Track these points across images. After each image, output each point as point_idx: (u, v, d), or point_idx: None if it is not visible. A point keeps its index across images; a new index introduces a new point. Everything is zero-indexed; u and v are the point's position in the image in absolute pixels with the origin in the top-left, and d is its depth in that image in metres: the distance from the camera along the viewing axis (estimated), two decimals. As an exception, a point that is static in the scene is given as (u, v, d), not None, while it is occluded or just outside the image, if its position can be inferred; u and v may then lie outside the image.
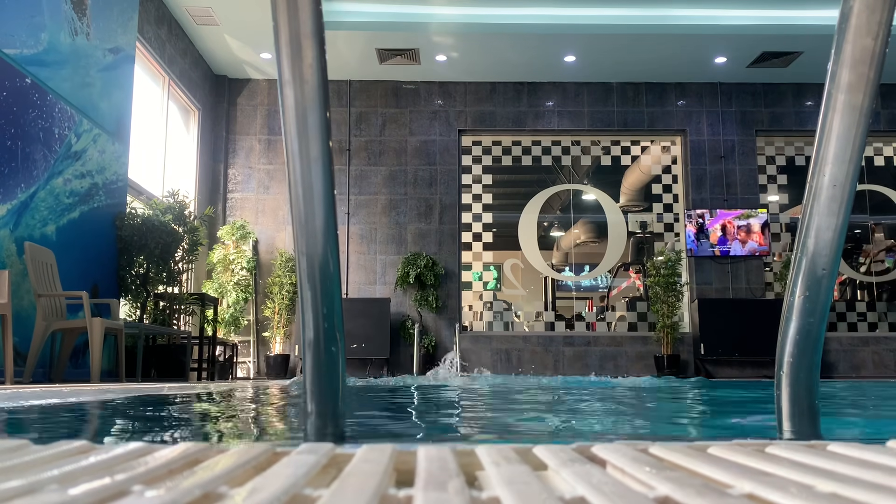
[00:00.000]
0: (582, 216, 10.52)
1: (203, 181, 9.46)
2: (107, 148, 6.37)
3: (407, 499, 0.52)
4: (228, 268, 9.03)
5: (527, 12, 8.38)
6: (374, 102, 10.04)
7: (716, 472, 0.59)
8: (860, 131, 1.11)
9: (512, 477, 0.56)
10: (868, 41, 1.07)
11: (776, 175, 10.17)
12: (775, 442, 0.74)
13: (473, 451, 0.70)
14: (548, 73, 9.81)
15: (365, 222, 9.78)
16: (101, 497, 0.48)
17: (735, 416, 2.69)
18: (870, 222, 10.10)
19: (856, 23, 1.07)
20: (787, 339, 1.21)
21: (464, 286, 9.83)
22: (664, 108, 10.03)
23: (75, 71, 5.89)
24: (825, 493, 0.50)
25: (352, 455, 0.67)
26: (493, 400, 3.64)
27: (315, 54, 1.08)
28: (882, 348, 9.39)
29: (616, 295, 10.54)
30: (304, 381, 1.19)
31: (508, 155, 10.24)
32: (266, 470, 0.61)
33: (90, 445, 0.71)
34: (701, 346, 9.04)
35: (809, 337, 1.20)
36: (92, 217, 6.08)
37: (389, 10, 8.34)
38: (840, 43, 1.09)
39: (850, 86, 1.10)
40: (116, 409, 2.57)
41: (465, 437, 1.90)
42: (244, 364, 9.43)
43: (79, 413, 2.46)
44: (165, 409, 2.68)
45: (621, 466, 0.62)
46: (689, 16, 8.38)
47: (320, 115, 1.11)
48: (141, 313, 6.63)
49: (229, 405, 3.03)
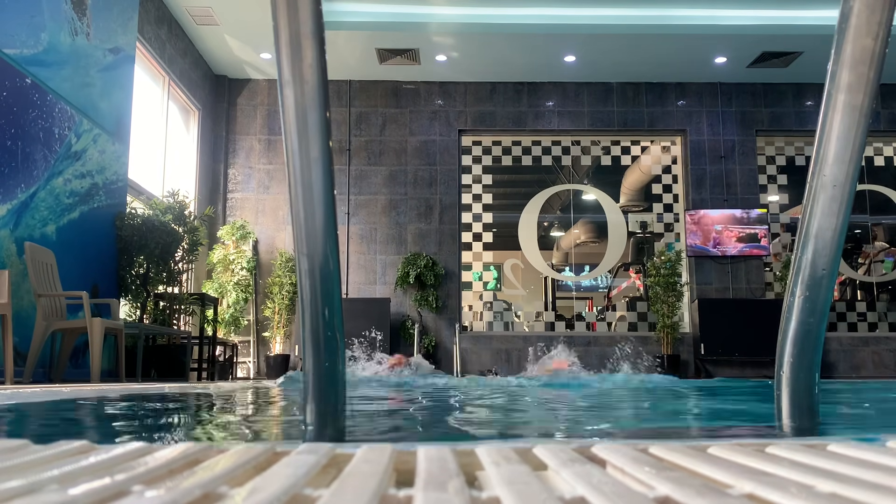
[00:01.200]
0: (582, 216, 10.52)
1: (203, 181, 9.46)
2: (107, 148, 6.37)
3: (407, 499, 0.52)
4: (228, 268, 9.03)
5: (527, 12, 8.37)
6: (374, 102, 10.04)
7: (716, 472, 0.59)
8: (860, 131, 1.11)
9: (512, 477, 0.56)
10: (868, 41, 1.07)
11: (776, 175, 10.17)
12: (775, 442, 0.74)
13: (473, 451, 0.70)
14: (548, 73, 9.81)
15: (365, 222, 9.78)
16: (101, 497, 0.48)
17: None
18: (870, 222, 10.10)
19: (856, 23, 1.07)
20: (787, 339, 1.21)
21: (464, 286, 9.83)
22: (664, 108, 10.03)
23: (75, 71, 5.89)
24: (825, 493, 0.50)
25: (352, 455, 0.67)
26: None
27: (315, 54, 1.08)
28: (882, 348, 9.39)
29: (616, 295, 10.54)
30: (304, 382, 1.19)
31: (508, 155, 10.23)
32: (266, 470, 0.61)
33: (90, 445, 0.71)
34: (701, 346, 9.04)
35: (809, 337, 1.20)
36: (92, 217, 6.08)
37: (389, 10, 8.34)
38: (840, 43, 1.09)
39: (850, 86, 1.10)
40: (110, 409, 2.57)
41: (466, 437, 1.90)
42: (244, 364, 9.43)
43: (78, 412, 2.46)
44: (160, 408, 2.68)
45: (621, 466, 0.62)
46: (689, 16, 8.38)
47: (320, 115, 1.11)
48: (141, 313, 6.63)
49: (225, 405, 3.03)
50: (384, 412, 2.69)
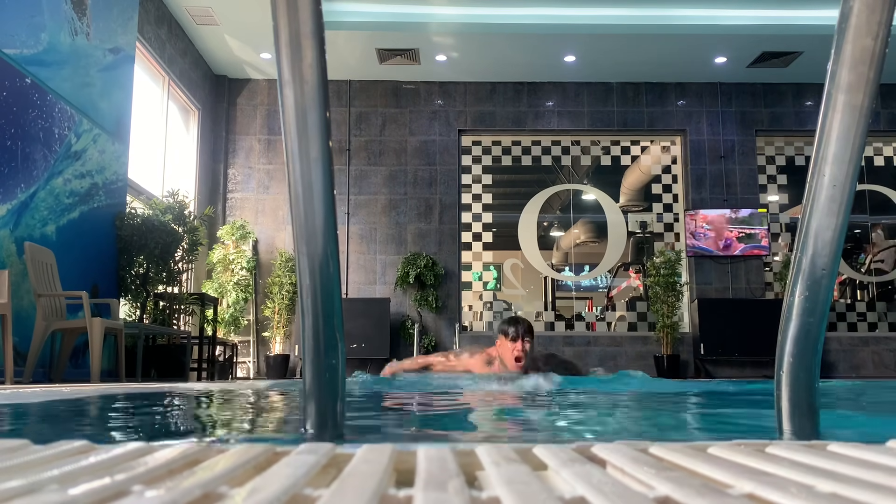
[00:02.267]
0: (582, 216, 10.52)
1: (203, 181, 9.46)
2: (107, 148, 6.37)
3: (407, 499, 0.52)
4: (228, 268, 9.03)
5: (527, 12, 8.37)
6: (374, 102, 10.04)
7: (716, 472, 0.59)
8: (860, 131, 1.11)
9: (512, 477, 0.56)
10: (868, 41, 1.07)
11: (776, 175, 10.17)
12: (775, 442, 0.74)
13: (473, 451, 0.70)
14: (548, 73, 9.81)
15: (365, 222, 9.78)
16: (101, 497, 0.48)
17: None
18: (869, 222, 10.10)
19: (856, 23, 1.07)
20: (787, 339, 1.21)
21: (464, 286, 9.83)
22: (664, 108, 10.03)
23: (75, 71, 5.88)
24: (825, 493, 0.50)
25: (352, 455, 0.67)
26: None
27: (315, 54, 1.08)
28: (882, 348, 9.39)
29: (616, 295, 10.54)
30: (303, 381, 1.19)
31: (508, 155, 10.23)
32: (266, 470, 0.61)
33: (90, 445, 0.71)
34: (701, 346, 9.04)
35: (809, 337, 1.20)
36: (92, 217, 6.08)
37: (389, 10, 8.34)
38: (840, 43, 1.09)
39: (850, 86, 1.10)
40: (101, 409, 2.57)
41: (465, 437, 1.90)
42: (244, 364, 9.43)
43: (78, 412, 2.46)
44: (154, 407, 2.68)
45: (621, 466, 0.62)
46: (689, 16, 8.38)
47: (320, 115, 1.11)
48: (141, 313, 6.63)
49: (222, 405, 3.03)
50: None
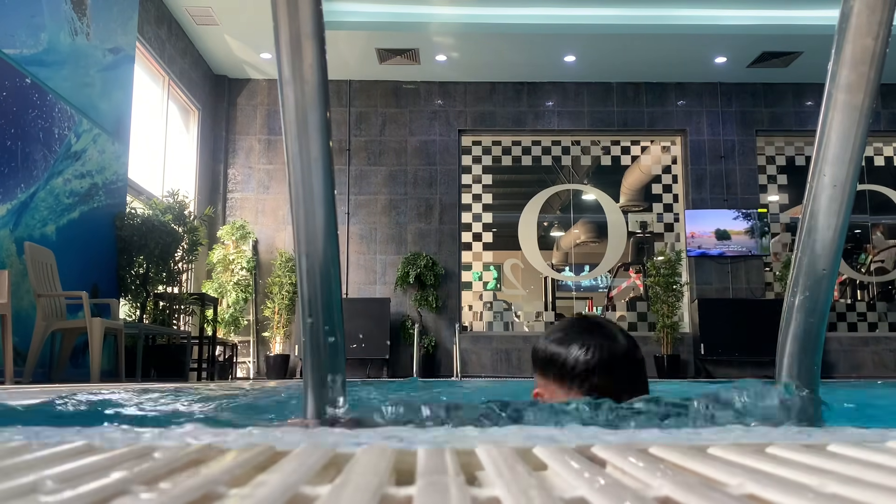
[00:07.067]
0: (582, 216, 10.52)
1: (203, 181, 9.46)
2: (107, 148, 6.37)
3: (407, 499, 0.52)
4: (228, 268, 9.03)
5: (527, 12, 8.38)
6: (374, 102, 10.04)
7: (716, 472, 0.59)
8: (860, 131, 1.11)
9: (512, 477, 0.56)
10: (868, 41, 1.07)
11: (776, 175, 10.17)
12: (775, 442, 0.74)
13: (473, 451, 0.70)
14: (548, 73, 9.81)
15: (365, 222, 9.78)
16: (101, 497, 0.48)
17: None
18: (870, 222, 10.10)
19: (856, 23, 1.07)
20: (787, 339, 1.22)
21: (464, 286, 9.83)
22: (664, 108, 10.03)
23: (75, 71, 5.88)
24: (825, 493, 0.50)
25: (352, 455, 0.67)
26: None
27: (315, 54, 1.08)
28: (882, 348, 9.39)
29: (616, 295, 10.54)
30: (304, 381, 1.19)
31: (508, 155, 10.23)
32: (266, 469, 0.61)
33: (90, 445, 0.71)
34: (701, 346, 9.04)
35: (809, 337, 1.20)
36: (92, 217, 6.08)
37: (389, 10, 8.34)
38: (840, 43, 1.09)
39: (850, 86, 1.10)
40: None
41: (465, 437, 1.90)
42: (244, 364, 9.43)
43: (78, 412, 2.46)
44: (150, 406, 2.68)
45: (621, 466, 0.62)
46: (689, 16, 8.38)
47: (320, 115, 1.11)
48: (141, 313, 6.63)
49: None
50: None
